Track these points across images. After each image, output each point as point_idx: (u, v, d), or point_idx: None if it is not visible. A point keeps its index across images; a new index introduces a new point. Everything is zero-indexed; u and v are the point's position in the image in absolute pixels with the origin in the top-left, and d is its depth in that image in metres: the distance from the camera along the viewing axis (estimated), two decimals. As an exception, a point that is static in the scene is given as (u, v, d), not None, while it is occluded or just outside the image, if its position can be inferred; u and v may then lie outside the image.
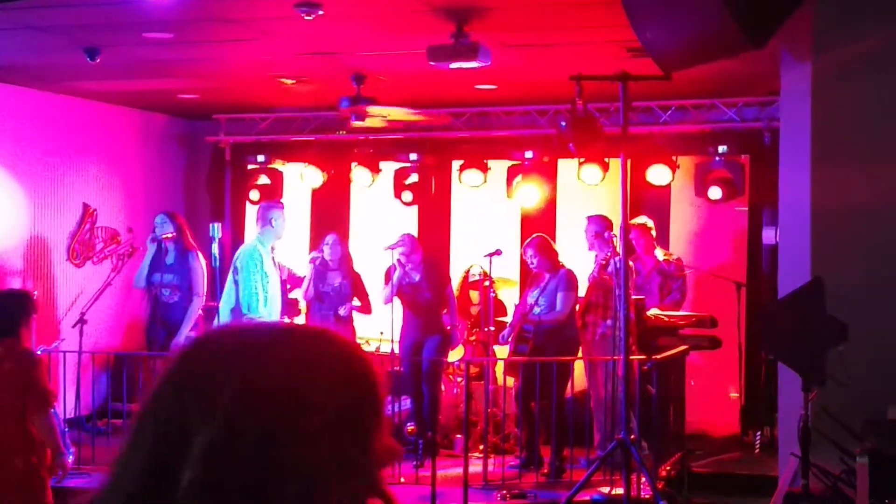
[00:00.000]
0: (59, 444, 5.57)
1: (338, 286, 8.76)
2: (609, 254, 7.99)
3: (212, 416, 1.22)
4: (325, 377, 1.29)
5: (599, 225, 8.31)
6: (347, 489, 1.27)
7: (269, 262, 8.15)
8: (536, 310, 8.30)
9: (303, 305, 9.29)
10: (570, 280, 8.36)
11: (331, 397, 1.28)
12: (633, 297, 8.00)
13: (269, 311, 8.08)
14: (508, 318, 9.05)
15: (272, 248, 8.46)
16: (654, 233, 9.12)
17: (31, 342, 5.63)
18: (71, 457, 8.19)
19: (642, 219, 9.06)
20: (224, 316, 8.19)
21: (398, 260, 8.58)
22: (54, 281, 10.02)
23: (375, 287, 8.96)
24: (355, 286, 8.86)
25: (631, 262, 8.37)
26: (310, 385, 1.28)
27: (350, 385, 1.31)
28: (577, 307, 8.45)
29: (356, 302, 8.82)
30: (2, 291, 7.17)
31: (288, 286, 9.28)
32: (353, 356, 1.34)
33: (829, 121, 5.92)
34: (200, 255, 8.86)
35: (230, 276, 8.31)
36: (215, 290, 9.12)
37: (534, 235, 8.66)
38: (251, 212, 11.21)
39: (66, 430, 8.31)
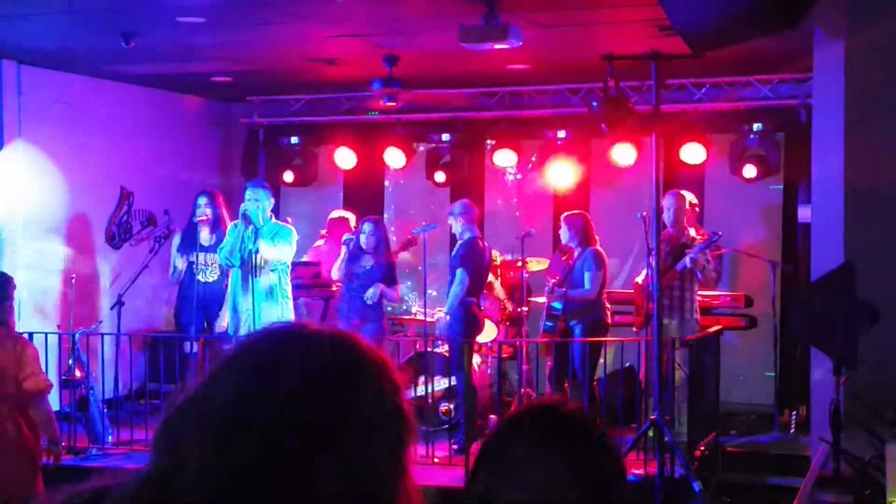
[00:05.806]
0: (55, 432, 5.53)
1: (369, 269, 8.68)
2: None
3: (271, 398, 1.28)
4: (369, 382, 1.33)
5: (682, 201, 8.51)
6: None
7: (252, 232, 8.21)
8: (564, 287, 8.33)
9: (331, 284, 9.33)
10: (597, 258, 8.35)
11: (375, 404, 1.32)
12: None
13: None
14: (542, 300, 9.03)
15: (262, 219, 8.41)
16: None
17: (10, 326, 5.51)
18: (110, 437, 8.37)
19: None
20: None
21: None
22: (93, 263, 10.14)
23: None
24: (387, 270, 8.75)
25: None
26: (357, 384, 1.32)
27: (388, 395, 1.34)
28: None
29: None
30: None
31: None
32: (389, 370, 1.37)
33: (863, 99, 5.85)
34: None
35: None
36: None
37: (575, 211, 8.67)
38: (285, 193, 11.30)
39: (105, 411, 8.43)
